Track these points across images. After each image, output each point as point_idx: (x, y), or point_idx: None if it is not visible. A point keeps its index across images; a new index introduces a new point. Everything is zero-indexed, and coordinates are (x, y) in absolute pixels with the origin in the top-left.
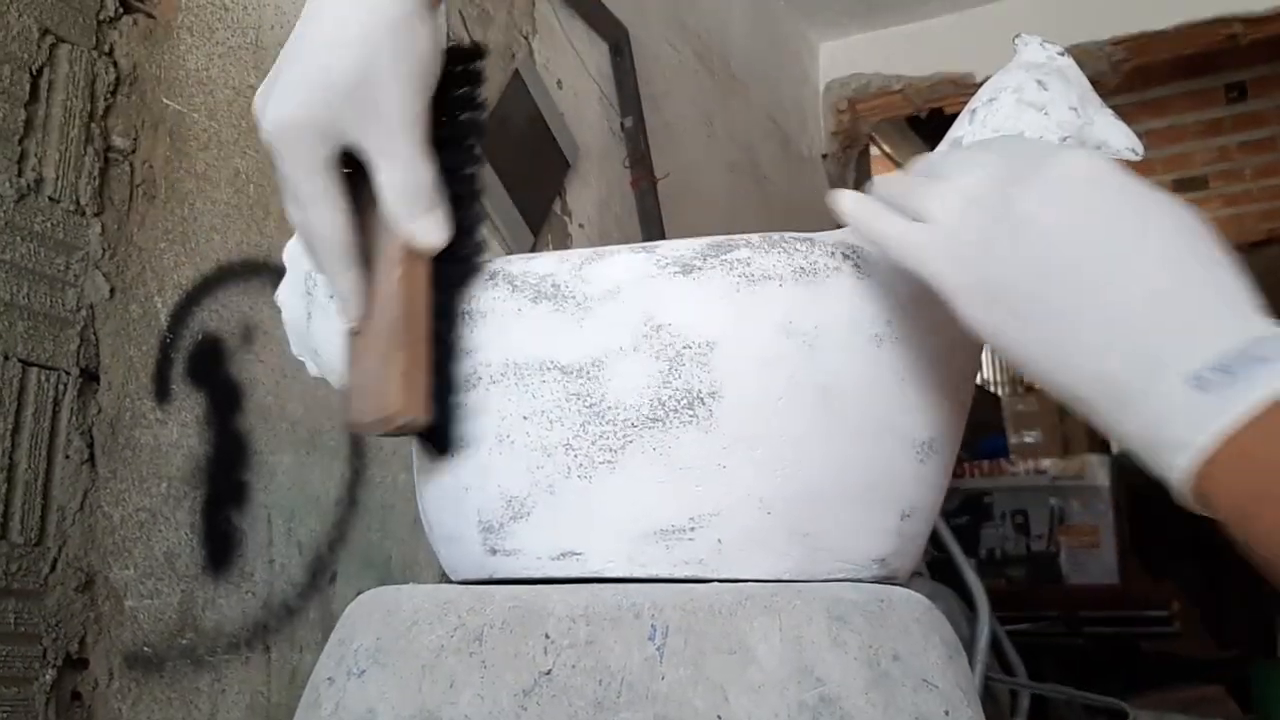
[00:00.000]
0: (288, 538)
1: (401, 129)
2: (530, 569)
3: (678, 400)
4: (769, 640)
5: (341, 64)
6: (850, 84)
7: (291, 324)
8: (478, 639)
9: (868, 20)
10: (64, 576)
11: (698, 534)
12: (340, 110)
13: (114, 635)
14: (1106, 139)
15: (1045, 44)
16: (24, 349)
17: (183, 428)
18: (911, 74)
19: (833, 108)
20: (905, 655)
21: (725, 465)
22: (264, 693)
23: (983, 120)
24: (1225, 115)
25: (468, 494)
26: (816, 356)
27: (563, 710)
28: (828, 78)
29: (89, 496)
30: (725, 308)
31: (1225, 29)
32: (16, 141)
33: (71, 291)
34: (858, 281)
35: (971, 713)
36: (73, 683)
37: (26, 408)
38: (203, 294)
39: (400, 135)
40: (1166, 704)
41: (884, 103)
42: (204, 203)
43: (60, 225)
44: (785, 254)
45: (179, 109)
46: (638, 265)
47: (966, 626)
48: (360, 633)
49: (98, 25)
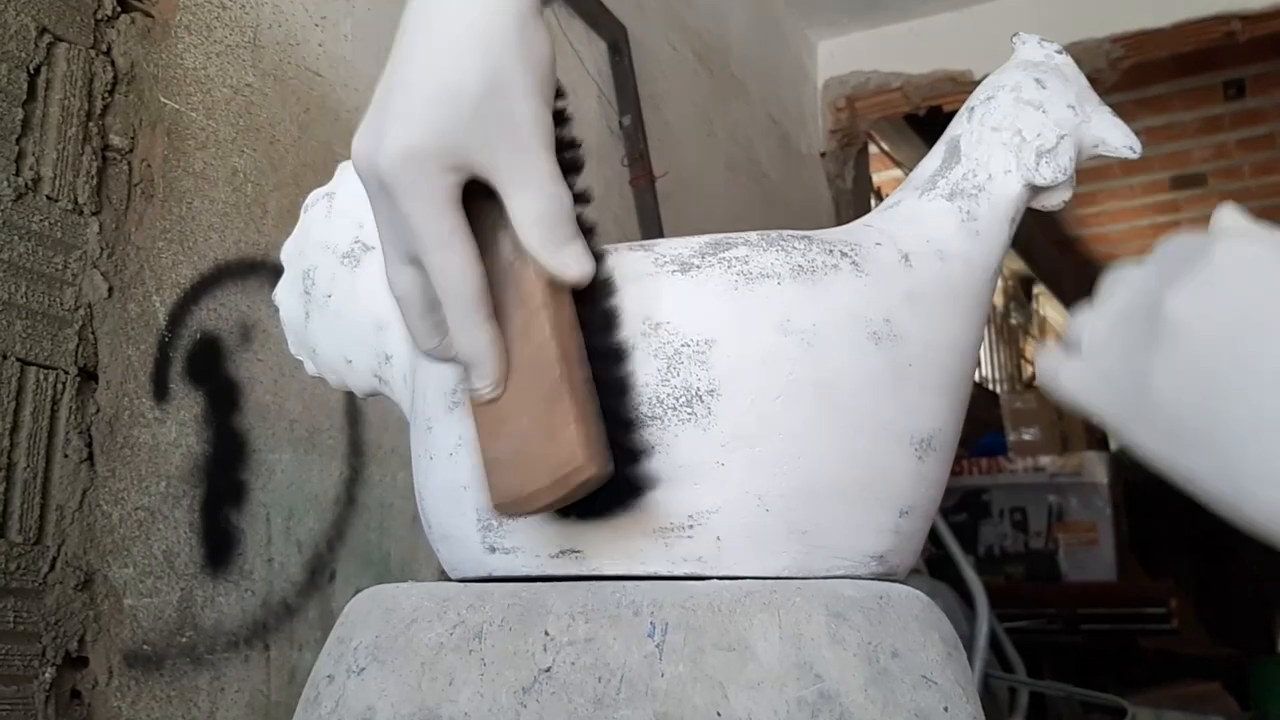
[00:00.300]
0: (287, 536)
1: (537, 147)
2: (529, 567)
3: (676, 398)
4: (768, 637)
5: (467, 74)
6: (849, 82)
7: (289, 323)
8: (477, 636)
9: (866, 18)
10: (63, 575)
11: (696, 531)
12: (470, 129)
13: (113, 634)
14: (1105, 137)
15: (1043, 42)
16: (22, 348)
17: (181, 426)
18: (910, 72)
19: (831, 106)
20: (904, 652)
21: (724, 463)
22: (263, 691)
23: (981, 118)
24: (1224, 112)
25: (466, 492)
26: (815, 354)
27: (562, 707)
28: (826, 75)
29: (88, 495)
30: (723, 306)
31: (1223, 26)
32: (14, 140)
33: (70, 290)
34: (856, 279)
35: (970, 709)
36: (72, 681)
37: (25, 407)
38: (201, 293)
39: (536, 155)
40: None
41: (882, 100)
42: (202, 201)
43: (58, 224)
44: (783, 252)
45: (177, 108)
46: (636, 263)
47: (965, 624)
48: (360, 630)
49: (95, 24)
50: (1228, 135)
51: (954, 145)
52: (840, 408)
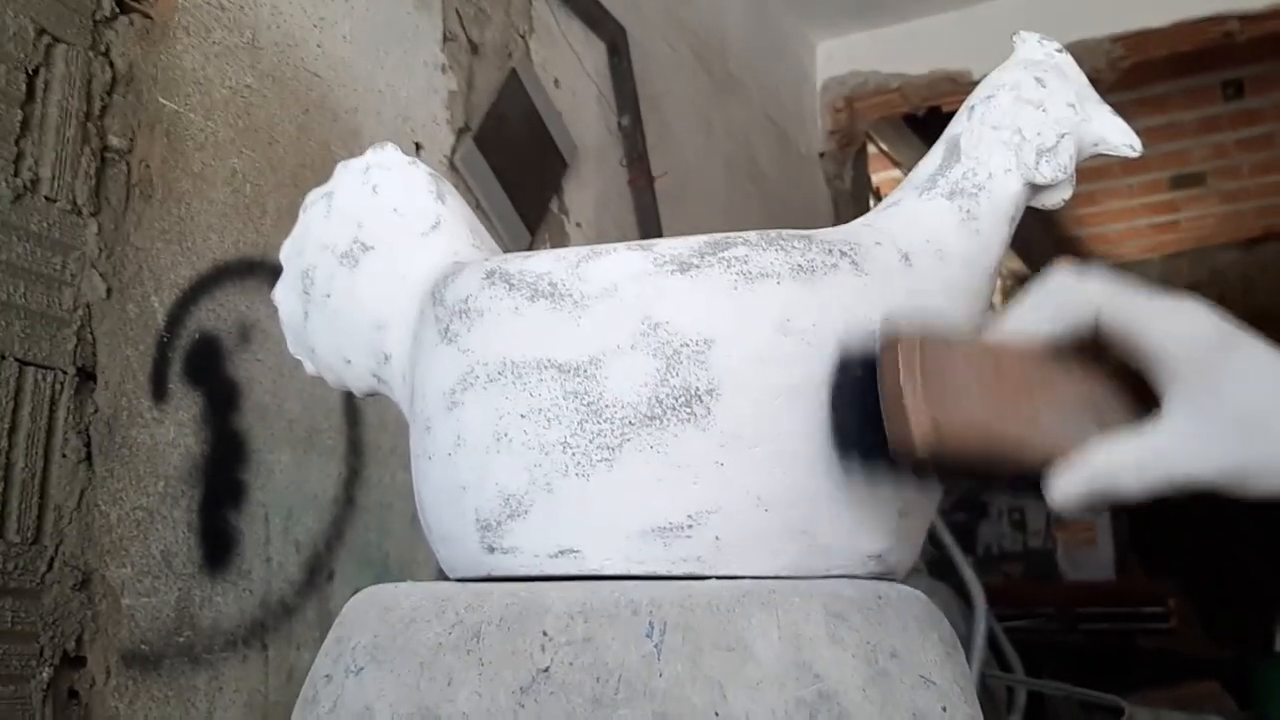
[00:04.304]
0: (285, 536)
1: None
2: (528, 567)
3: (675, 398)
4: (767, 637)
5: None
6: (848, 82)
7: (288, 323)
8: (476, 636)
9: (865, 18)
10: (61, 575)
11: (696, 531)
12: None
13: (111, 633)
14: (1104, 135)
15: (1043, 41)
16: (21, 348)
17: (180, 427)
18: (909, 72)
19: (830, 106)
20: (903, 652)
21: (723, 463)
22: (261, 691)
23: (980, 117)
24: (1223, 112)
25: (465, 493)
26: (814, 354)
27: (561, 707)
28: (825, 76)
29: (86, 495)
30: (723, 306)
31: (1223, 26)
32: (13, 141)
33: (68, 291)
34: (856, 279)
35: (969, 709)
36: (70, 681)
37: (23, 407)
38: (199, 293)
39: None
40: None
41: (881, 101)
42: (200, 202)
43: (57, 225)
44: (783, 252)
45: (175, 109)
46: (635, 263)
47: (964, 623)
48: (358, 630)
49: (94, 25)
50: (1227, 135)
51: (954, 144)
52: None
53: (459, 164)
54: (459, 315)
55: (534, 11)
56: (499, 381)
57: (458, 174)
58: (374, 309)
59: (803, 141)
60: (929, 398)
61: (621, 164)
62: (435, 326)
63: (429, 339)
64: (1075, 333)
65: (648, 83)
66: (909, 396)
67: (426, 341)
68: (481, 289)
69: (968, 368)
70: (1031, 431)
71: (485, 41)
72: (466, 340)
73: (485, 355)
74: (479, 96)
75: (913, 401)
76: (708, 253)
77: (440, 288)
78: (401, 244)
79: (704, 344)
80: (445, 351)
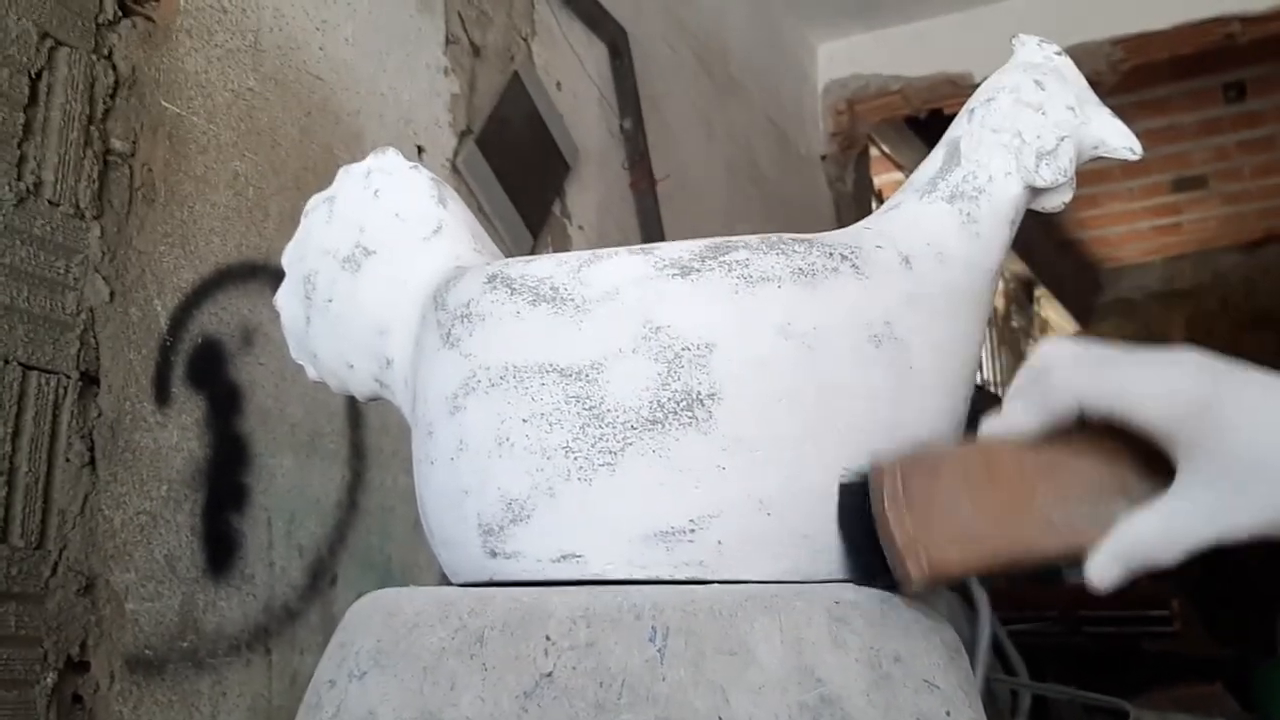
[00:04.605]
0: (288, 540)
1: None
2: (530, 571)
3: (677, 402)
4: (769, 641)
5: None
6: (849, 85)
7: (290, 327)
8: (478, 641)
9: (866, 21)
10: (65, 580)
11: (698, 535)
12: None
13: (115, 638)
14: (1104, 138)
15: (1043, 44)
16: (24, 352)
17: (183, 431)
18: (910, 74)
19: (831, 108)
20: (906, 656)
21: (725, 467)
22: (265, 695)
23: (981, 120)
24: (1224, 115)
25: (467, 497)
26: (815, 357)
27: (563, 712)
28: (826, 78)
29: (89, 500)
30: (724, 309)
31: (1224, 28)
32: (15, 145)
33: (71, 295)
34: (856, 282)
35: (973, 713)
36: (74, 686)
37: (27, 411)
38: (202, 297)
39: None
40: (1166, 703)
41: (882, 103)
42: (203, 205)
43: (59, 229)
44: (784, 255)
45: (178, 112)
46: (636, 267)
47: (967, 627)
48: (361, 635)
49: (97, 28)
50: (1228, 137)
51: (954, 147)
52: (841, 411)
53: (461, 167)
54: (461, 320)
55: (536, 14)
56: (501, 386)
57: (460, 177)
58: (376, 314)
59: (804, 144)
60: (917, 525)
61: (623, 167)
62: (437, 331)
63: (431, 343)
64: (1063, 423)
65: (649, 85)
66: (897, 529)
67: (428, 346)
68: (483, 293)
69: (956, 483)
70: (1042, 530)
71: (487, 44)
72: (468, 345)
73: (487, 360)
74: (481, 99)
75: (901, 534)
76: (708, 257)
77: (442, 292)
78: (403, 248)
79: (705, 348)
80: (447, 356)
